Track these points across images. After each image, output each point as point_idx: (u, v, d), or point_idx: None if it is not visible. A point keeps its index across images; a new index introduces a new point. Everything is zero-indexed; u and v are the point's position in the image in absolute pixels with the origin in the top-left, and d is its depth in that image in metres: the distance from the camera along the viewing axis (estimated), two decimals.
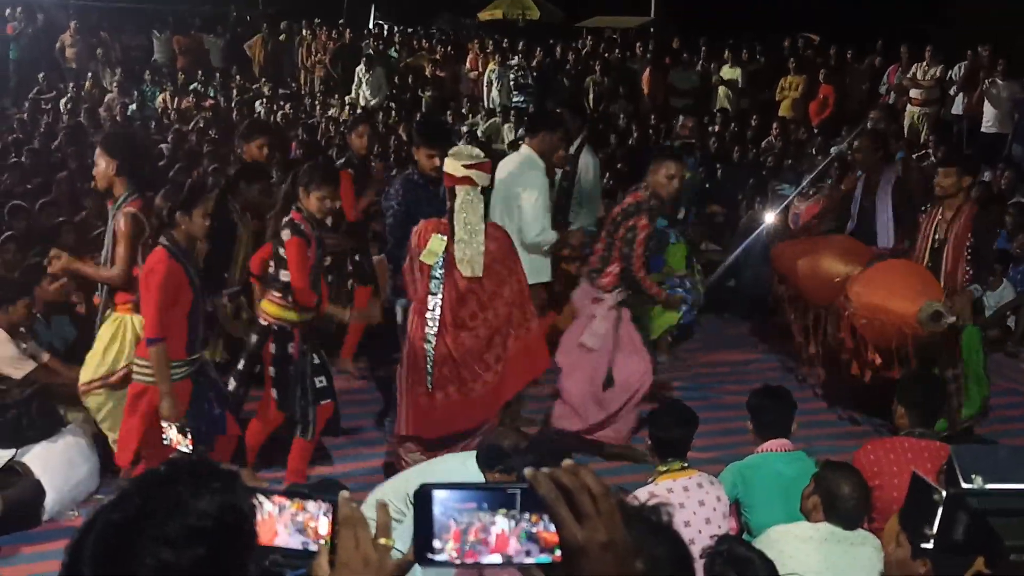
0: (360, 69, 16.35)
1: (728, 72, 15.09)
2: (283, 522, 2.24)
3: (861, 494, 3.88)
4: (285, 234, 5.12)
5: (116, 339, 5.29)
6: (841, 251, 6.58)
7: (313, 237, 5.19)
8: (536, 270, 6.06)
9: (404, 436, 5.39)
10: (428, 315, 5.20)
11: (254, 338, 5.38)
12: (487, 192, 5.37)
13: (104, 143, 5.42)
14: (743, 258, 8.52)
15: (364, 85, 16.17)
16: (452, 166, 5.15)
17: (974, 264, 5.90)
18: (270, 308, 5.28)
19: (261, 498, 2.19)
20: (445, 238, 5.14)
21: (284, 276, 5.16)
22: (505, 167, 6.36)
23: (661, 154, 5.98)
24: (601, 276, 5.86)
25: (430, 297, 5.19)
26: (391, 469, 5.60)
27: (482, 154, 5.29)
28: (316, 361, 5.41)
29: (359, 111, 15.19)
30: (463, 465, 4.09)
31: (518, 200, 6.06)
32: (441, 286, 5.15)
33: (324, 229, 5.49)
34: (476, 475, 4.06)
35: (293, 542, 2.22)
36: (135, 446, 5.11)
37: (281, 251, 5.16)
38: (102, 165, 5.26)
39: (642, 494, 4.30)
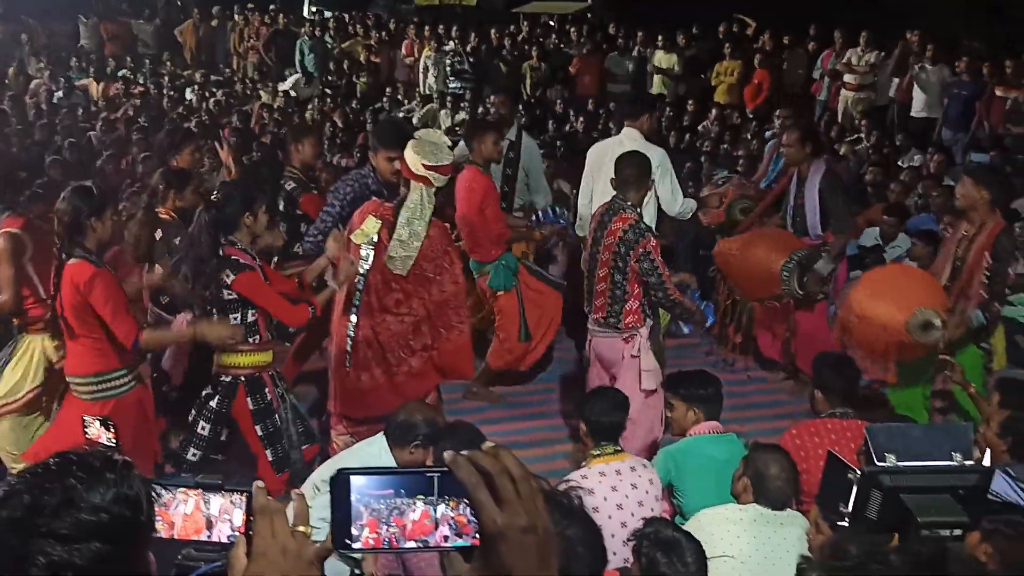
0: (299, 79, 16.10)
1: (664, 59, 15.14)
2: (196, 515, 2.19)
3: (789, 475, 3.93)
4: (226, 275, 4.67)
5: (21, 363, 5.11)
6: (772, 245, 6.63)
7: (258, 267, 4.82)
8: None
9: (336, 415, 5.35)
10: (355, 295, 5.13)
11: (215, 400, 4.84)
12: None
13: None
14: (676, 243, 8.55)
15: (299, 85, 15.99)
16: (412, 160, 4.95)
17: (989, 287, 5.49)
18: (233, 358, 4.82)
19: (172, 492, 2.15)
20: (380, 222, 5.04)
21: (250, 316, 4.75)
22: (615, 152, 6.23)
23: (643, 168, 5.59)
24: (623, 317, 5.42)
25: (359, 278, 5.08)
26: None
27: (447, 148, 5.05)
28: (292, 402, 5.05)
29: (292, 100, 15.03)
30: (380, 452, 4.09)
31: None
32: (368, 268, 5.05)
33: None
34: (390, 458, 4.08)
35: (207, 534, 2.18)
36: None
37: (226, 293, 4.70)
38: None
39: (575, 478, 4.32)
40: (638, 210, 5.45)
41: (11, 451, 5.17)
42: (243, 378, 4.83)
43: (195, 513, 2.18)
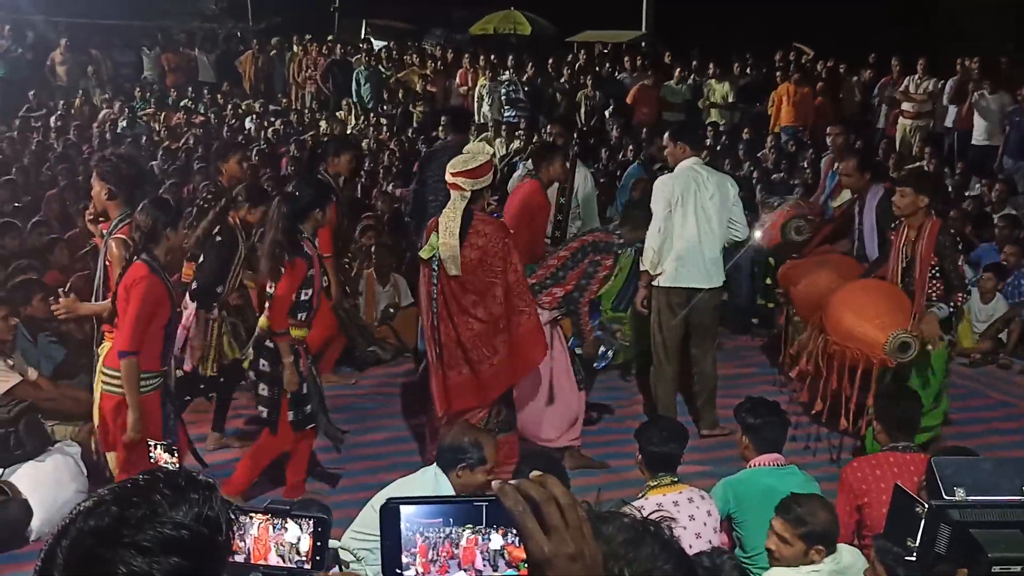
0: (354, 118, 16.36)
1: (718, 87, 15.11)
2: (265, 540, 2.24)
3: (830, 511, 3.89)
4: (285, 255, 5.20)
5: None
6: (833, 270, 6.57)
7: (316, 257, 5.38)
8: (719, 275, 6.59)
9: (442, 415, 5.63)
10: (432, 304, 5.50)
11: (262, 363, 5.39)
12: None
13: (97, 167, 5.25)
14: (733, 272, 8.48)
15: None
16: (446, 170, 5.43)
17: (941, 281, 5.87)
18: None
19: (244, 516, 2.20)
20: None
21: (303, 295, 5.28)
22: (702, 175, 6.45)
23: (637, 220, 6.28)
24: (544, 293, 5.95)
25: (432, 287, 5.47)
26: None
27: (476, 155, 5.40)
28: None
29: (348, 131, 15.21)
30: (436, 478, 4.11)
31: (727, 207, 6.43)
32: (438, 277, 5.42)
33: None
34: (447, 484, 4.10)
35: (275, 560, 2.23)
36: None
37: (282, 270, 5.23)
38: (95, 189, 5.15)
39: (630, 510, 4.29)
40: (623, 241, 6.14)
41: None
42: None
43: (264, 537, 2.24)
